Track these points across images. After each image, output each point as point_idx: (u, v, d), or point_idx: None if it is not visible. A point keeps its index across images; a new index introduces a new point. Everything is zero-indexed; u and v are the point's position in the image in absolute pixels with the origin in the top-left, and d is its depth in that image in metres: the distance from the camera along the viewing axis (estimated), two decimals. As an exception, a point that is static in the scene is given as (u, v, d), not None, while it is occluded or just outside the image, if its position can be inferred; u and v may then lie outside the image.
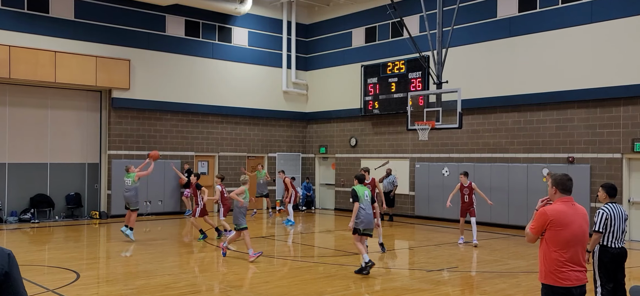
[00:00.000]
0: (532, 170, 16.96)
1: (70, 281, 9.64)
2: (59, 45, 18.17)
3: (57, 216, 18.65)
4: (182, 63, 20.83)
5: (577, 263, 4.97)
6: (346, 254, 12.95)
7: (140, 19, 19.90)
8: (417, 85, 19.69)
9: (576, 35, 16.14)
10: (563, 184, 5.04)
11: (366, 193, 10.55)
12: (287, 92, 23.51)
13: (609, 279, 7.20)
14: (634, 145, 15.04)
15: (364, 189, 10.61)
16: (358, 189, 10.48)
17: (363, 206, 10.36)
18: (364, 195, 10.47)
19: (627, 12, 15.16)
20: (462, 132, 18.43)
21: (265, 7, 22.80)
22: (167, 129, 20.61)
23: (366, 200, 10.46)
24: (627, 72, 15.09)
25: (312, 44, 24.09)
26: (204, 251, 13.52)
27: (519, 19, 17.41)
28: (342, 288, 9.52)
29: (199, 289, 9.36)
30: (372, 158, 21.56)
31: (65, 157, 19.13)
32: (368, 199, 10.51)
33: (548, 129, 16.81)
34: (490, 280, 10.19)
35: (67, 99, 19.19)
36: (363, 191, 10.52)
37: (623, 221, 7.26)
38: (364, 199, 10.43)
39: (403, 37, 19.03)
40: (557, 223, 4.93)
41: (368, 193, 10.61)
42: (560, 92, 16.40)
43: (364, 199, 10.42)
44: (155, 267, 11.14)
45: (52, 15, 18.25)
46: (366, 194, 10.51)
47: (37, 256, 12.65)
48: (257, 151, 22.99)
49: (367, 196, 10.51)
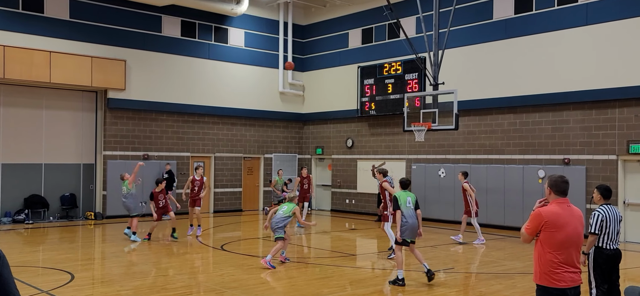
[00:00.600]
0: (527, 172, 16.99)
1: (64, 283, 9.60)
2: (54, 45, 18.11)
3: (51, 217, 18.58)
4: (178, 64, 20.79)
5: (571, 264, 4.98)
6: (343, 255, 12.93)
7: (136, 19, 19.86)
8: (413, 86, 19.70)
9: (572, 37, 16.18)
10: (557, 186, 5.04)
11: (409, 199, 9.94)
12: (284, 93, 23.50)
13: (604, 280, 7.21)
14: (629, 147, 15.07)
15: (407, 194, 10.00)
16: (400, 195, 9.92)
17: (405, 214, 9.76)
18: (406, 202, 9.87)
19: (623, 14, 15.21)
20: (458, 134, 18.45)
21: (261, 8, 22.79)
22: (162, 129, 20.57)
23: (409, 207, 9.85)
24: (622, 74, 15.13)
25: (308, 45, 24.09)
26: (200, 252, 13.49)
27: (515, 21, 17.44)
28: (339, 290, 9.50)
29: (193, 290, 9.33)
30: (369, 159, 21.55)
31: (60, 157, 19.06)
32: (410, 206, 9.89)
33: (544, 130, 16.84)
34: (486, 281, 10.19)
35: (62, 100, 19.13)
36: (405, 198, 9.92)
37: (618, 223, 7.28)
38: (406, 206, 9.83)
39: (400, 39, 19.04)
40: (551, 224, 4.94)
41: (411, 198, 9.98)
42: (556, 94, 16.43)
43: (406, 206, 9.82)
44: (151, 268, 11.10)
45: (47, 15, 18.19)
46: (409, 201, 9.91)
47: (32, 257, 12.59)
48: (253, 152, 22.96)
49: (409, 203, 9.90)
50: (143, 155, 19.98)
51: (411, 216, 9.78)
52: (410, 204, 9.85)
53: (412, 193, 10.16)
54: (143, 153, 20.01)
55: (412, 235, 9.81)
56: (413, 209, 9.85)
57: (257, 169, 23.22)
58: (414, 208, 9.89)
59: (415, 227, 9.81)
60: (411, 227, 9.73)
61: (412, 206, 9.87)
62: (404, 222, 9.71)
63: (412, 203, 9.89)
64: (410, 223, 9.72)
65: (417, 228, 9.86)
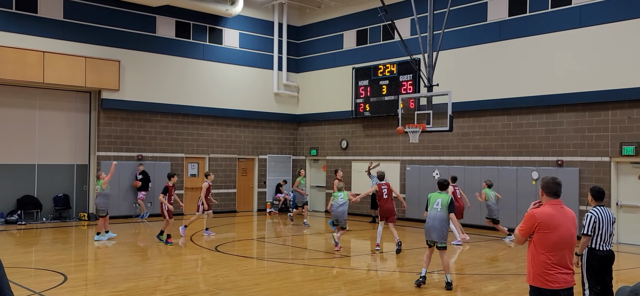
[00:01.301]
0: (521, 173, 17.04)
1: (57, 284, 9.55)
2: (47, 45, 18.03)
3: (44, 217, 18.49)
4: (172, 64, 20.75)
5: (564, 266, 5.00)
6: (337, 256, 12.93)
7: (130, 19, 19.80)
8: (408, 88, 19.74)
9: (565, 40, 16.25)
10: (549, 188, 5.08)
11: (439, 200, 9.59)
12: (278, 94, 23.49)
13: (597, 281, 7.24)
14: (622, 149, 15.15)
15: (438, 196, 9.67)
16: (431, 196, 9.72)
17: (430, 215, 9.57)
18: (435, 202, 9.62)
19: (616, 16, 15.28)
20: (452, 135, 18.49)
21: (256, 9, 22.77)
22: (157, 130, 20.51)
23: (435, 208, 9.54)
24: (615, 76, 15.21)
25: (303, 46, 24.09)
26: (194, 253, 13.46)
27: (509, 23, 17.50)
28: (333, 290, 9.50)
29: (187, 291, 9.31)
30: (363, 160, 21.57)
31: (53, 158, 18.98)
32: (438, 207, 9.53)
33: (537, 132, 16.90)
34: (480, 283, 10.21)
35: (56, 100, 19.05)
36: (435, 199, 9.65)
37: (611, 224, 7.31)
38: (433, 207, 9.58)
39: (394, 40, 19.07)
40: (545, 225, 4.97)
41: (441, 199, 9.58)
42: (550, 96, 16.50)
43: (432, 207, 9.59)
44: (144, 269, 11.07)
45: (40, 15, 18.11)
46: (438, 202, 9.58)
47: (24, 259, 12.53)
48: (247, 153, 22.94)
49: (437, 205, 9.56)
50: (137, 156, 19.93)
51: (432, 218, 9.55)
52: (438, 205, 9.54)
53: (445, 194, 9.74)
54: (137, 154, 19.96)
55: (428, 236, 9.66)
56: (440, 210, 9.52)
57: (252, 170, 23.19)
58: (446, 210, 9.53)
59: (433, 227, 9.53)
60: (428, 228, 9.59)
61: (439, 207, 9.54)
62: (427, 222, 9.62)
63: (441, 205, 9.55)
64: (429, 224, 9.57)
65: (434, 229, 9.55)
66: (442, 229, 9.53)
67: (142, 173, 19.65)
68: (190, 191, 21.26)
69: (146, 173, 19.75)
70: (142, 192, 19.60)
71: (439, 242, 9.57)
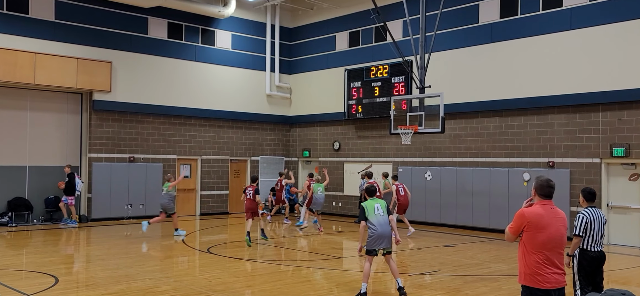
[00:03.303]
0: (513, 174, 17.12)
1: (48, 286, 9.50)
2: (38, 46, 17.93)
3: (35, 219, 18.36)
4: (164, 66, 20.68)
5: (555, 265, 5.04)
6: (329, 258, 12.94)
7: (122, 20, 19.73)
8: (400, 89, 19.79)
9: (556, 42, 16.35)
10: (542, 189, 5.13)
11: (378, 205, 9.03)
12: (271, 95, 23.47)
13: (588, 282, 7.29)
14: (612, 150, 15.26)
15: (374, 202, 9.08)
16: (367, 205, 9.03)
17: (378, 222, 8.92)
18: (374, 209, 8.98)
19: (606, 19, 15.40)
20: (444, 137, 18.55)
21: (248, 10, 22.75)
22: (149, 132, 20.44)
23: (378, 214, 8.95)
24: (606, 79, 15.32)
25: (295, 47, 24.09)
26: (186, 254, 13.42)
27: (501, 25, 17.59)
28: (325, 292, 9.51)
29: (179, 293, 9.28)
30: (356, 161, 21.60)
31: (44, 160, 18.86)
32: (380, 213, 8.97)
33: (529, 134, 17.00)
34: (472, 284, 10.25)
35: (47, 101, 18.94)
36: (373, 205, 9.01)
37: (602, 225, 7.36)
38: (375, 214, 8.94)
39: (386, 42, 19.10)
40: (534, 225, 5.01)
41: (380, 205, 9.04)
42: (541, 98, 16.59)
43: (374, 214, 8.93)
44: (136, 271, 11.02)
45: (31, 16, 18.01)
46: (378, 208, 9.00)
47: (15, 261, 12.45)
48: (240, 154, 22.90)
49: (378, 210, 8.98)
50: (129, 157, 19.85)
51: (381, 224, 8.92)
52: (379, 211, 9.00)
53: (380, 199, 9.30)
54: (129, 156, 19.88)
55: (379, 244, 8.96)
56: (383, 214, 8.99)
57: (244, 172, 23.15)
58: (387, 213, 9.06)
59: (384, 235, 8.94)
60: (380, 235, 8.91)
61: (381, 212, 9.00)
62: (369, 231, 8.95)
63: (382, 210, 9.02)
64: (379, 231, 8.88)
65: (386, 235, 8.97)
66: (390, 234, 9.01)
67: (69, 175, 17.99)
68: (181, 193, 21.19)
69: (73, 176, 18.05)
70: (69, 197, 17.95)
71: (387, 248, 9.03)
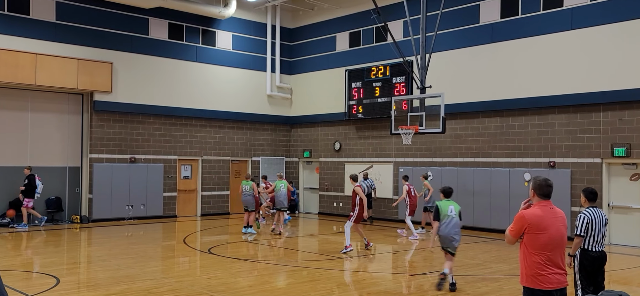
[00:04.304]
0: (514, 175, 17.12)
1: (50, 287, 9.51)
2: (39, 47, 17.94)
3: (36, 220, 18.37)
4: (165, 66, 20.70)
5: (556, 266, 5.03)
6: (330, 258, 12.95)
7: (123, 21, 19.74)
8: (400, 90, 19.79)
9: (557, 42, 16.34)
10: (541, 189, 5.12)
11: (452, 207, 9.66)
12: (271, 96, 23.48)
13: (589, 282, 7.28)
14: (613, 150, 15.25)
15: (449, 203, 9.71)
16: (440, 204, 9.70)
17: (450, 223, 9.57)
18: (448, 210, 9.63)
19: (607, 19, 15.39)
20: (445, 137, 18.55)
21: (249, 11, 22.76)
22: (149, 132, 20.45)
23: (450, 215, 9.59)
24: (607, 78, 15.31)
25: (296, 48, 24.10)
26: (187, 255, 13.42)
27: (501, 25, 17.59)
28: (326, 293, 9.51)
29: (180, 294, 9.28)
30: (356, 162, 21.59)
31: (45, 160, 18.87)
32: (453, 214, 9.60)
33: (530, 134, 16.99)
34: (473, 284, 10.25)
35: (48, 102, 18.95)
36: (447, 207, 9.66)
37: (603, 225, 7.35)
38: (448, 215, 9.59)
39: (387, 42, 19.10)
40: (534, 226, 5.00)
41: (454, 207, 9.67)
42: (542, 98, 16.59)
43: (447, 215, 9.60)
44: (137, 272, 11.03)
45: (32, 17, 18.02)
46: (451, 210, 9.63)
47: (16, 261, 12.46)
48: (240, 155, 22.91)
49: (451, 212, 9.61)
50: (130, 158, 19.86)
51: (453, 225, 9.58)
52: (452, 213, 9.61)
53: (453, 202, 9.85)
54: (130, 156, 19.89)
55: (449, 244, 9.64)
56: (455, 217, 9.61)
57: (245, 172, 23.15)
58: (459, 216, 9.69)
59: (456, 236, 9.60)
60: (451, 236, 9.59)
61: (454, 214, 9.62)
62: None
63: (455, 212, 9.65)
64: (452, 232, 9.57)
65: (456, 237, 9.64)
66: (457, 236, 9.68)
67: (28, 177, 17.26)
68: (183, 193, 21.20)
69: (33, 178, 17.30)
70: (28, 199, 17.25)
71: (453, 250, 9.66)
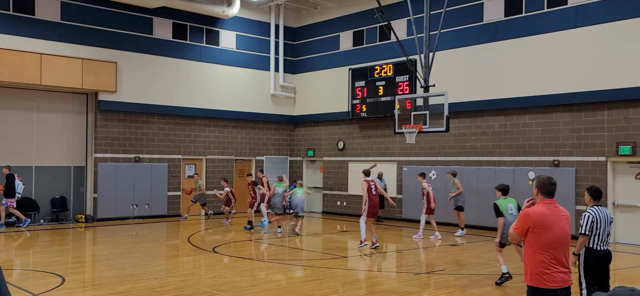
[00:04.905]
0: (518, 173, 17.09)
1: (55, 286, 9.55)
2: (44, 47, 18.01)
3: (42, 219, 18.46)
4: (169, 66, 20.74)
5: (561, 264, 5.03)
6: (334, 257, 12.96)
7: (127, 21, 19.79)
8: (404, 88, 19.78)
9: (561, 40, 16.31)
10: (544, 187, 5.11)
11: (511, 205, 10.00)
12: (275, 95, 23.50)
13: (594, 281, 7.26)
14: (618, 148, 15.21)
15: (507, 201, 10.04)
16: (500, 202, 9.99)
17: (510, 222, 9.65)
18: (508, 208, 9.95)
19: (611, 16, 15.35)
20: (449, 136, 18.52)
21: (253, 10, 22.79)
22: (154, 132, 20.50)
23: (512, 214, 9.87)
24: (611, 76, 15.27)
25: (299, 47, 24.11)
26: (191, 254, 13.46)
27: (505, 24, 17.56)
28: (330, 291, 9.52)
29: (185, 293, 9.31)
30: (360, 161, 21.59)
31: (50, 160, 18.94)
32: (513, 213, 9.89)
33: (534, 132, 16.96)
34: (478, 282, 10.25)
35: (53, 102, 19.02)
36: (506, 205, 9.99)
37: (608, 224, 7.34)
38: (509, 213, 9.89)
39: (390, 41, 19.08)
40: (538, 225, 5.00)
41: (513, 204, 10.01)
42: (546, 96, 16.55)
43: (508, 213, 9.89)
44: (142, 271, 11.06)
45: (38, 17, 18.09)
46: (511, 207, 9.96)
47: (22, 260, 12.52)
48: (244, 154, 22.94)
49: (512, 210, 9.92)
50: (134, 157, 19.91)
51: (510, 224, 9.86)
52: (513, 211, 9.85)
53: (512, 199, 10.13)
54: (134, 156, 19.95)
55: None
56: (516, 214, 9.69)
57: (249, 172, 23.18)
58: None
59: None
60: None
61: (514, 212, 9.83)
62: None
63: (515, 209, 9.89)
64: None
65: None
66: None
67: (7, 177, 16.77)
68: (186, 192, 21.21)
69: (12, 177, 16.81)
70: (9, 199, 16.88)
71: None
